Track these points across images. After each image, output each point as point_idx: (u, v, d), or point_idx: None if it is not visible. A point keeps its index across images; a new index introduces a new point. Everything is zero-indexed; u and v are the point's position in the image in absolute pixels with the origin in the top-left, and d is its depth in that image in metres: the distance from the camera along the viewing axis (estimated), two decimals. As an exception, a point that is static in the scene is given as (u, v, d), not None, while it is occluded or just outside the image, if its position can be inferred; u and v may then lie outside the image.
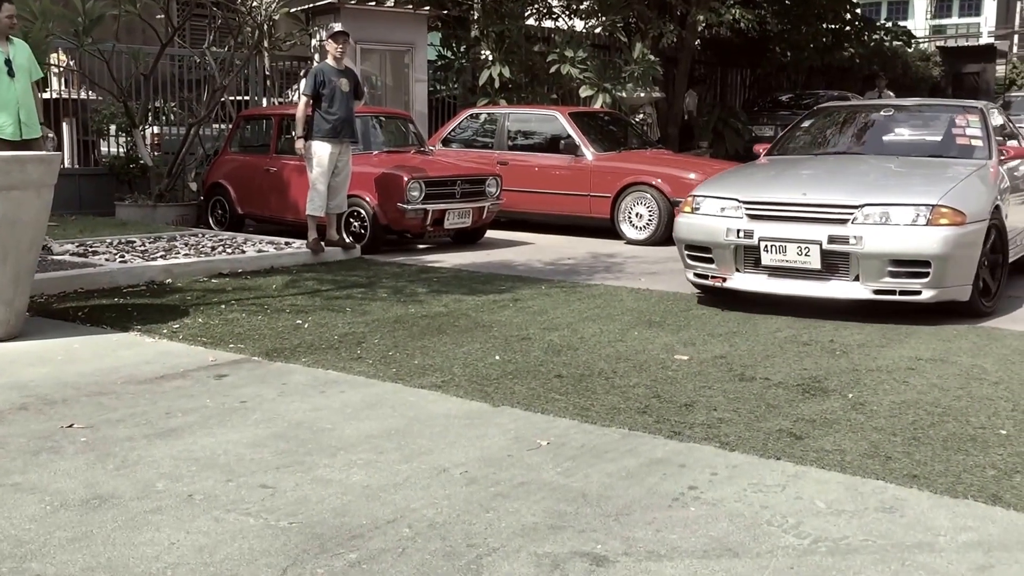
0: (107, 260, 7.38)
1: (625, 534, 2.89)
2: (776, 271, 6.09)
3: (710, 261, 6.35)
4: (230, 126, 11.15)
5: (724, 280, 6.29)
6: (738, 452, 3.63)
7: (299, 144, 8.33)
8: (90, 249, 7.92)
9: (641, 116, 15.37)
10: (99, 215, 10.58)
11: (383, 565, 2.66)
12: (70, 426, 3.82)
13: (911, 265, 5.81)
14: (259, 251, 8.17)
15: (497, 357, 4.97)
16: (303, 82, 8.92)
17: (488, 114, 11.78)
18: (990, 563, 2.75)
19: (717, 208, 6.37)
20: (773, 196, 6.26)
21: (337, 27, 8.39)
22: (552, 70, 13.62)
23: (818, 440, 3.77)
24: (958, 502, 3.19)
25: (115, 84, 10.45)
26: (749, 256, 6.19)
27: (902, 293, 5.86)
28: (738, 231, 6.16)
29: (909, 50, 26.20)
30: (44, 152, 5.63)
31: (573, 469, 3.42)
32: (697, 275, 6.48)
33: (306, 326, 5.70)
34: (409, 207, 8.79)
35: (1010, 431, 3.93)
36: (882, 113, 7.83)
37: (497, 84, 13.57)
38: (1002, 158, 6.90)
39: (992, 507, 3.15)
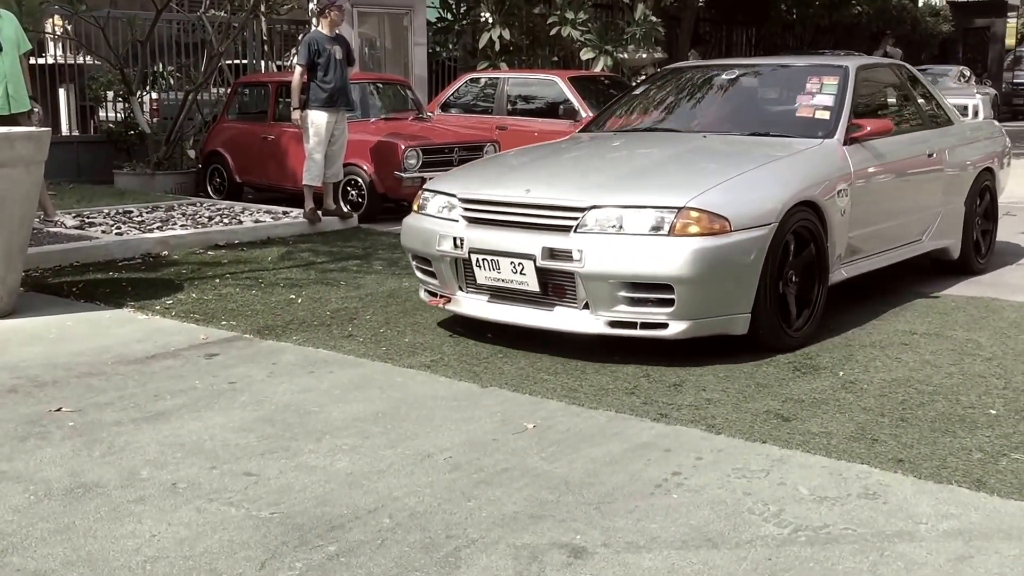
0: (103, 232, 7.37)
1: (606, 523, 2.90)
2: (497, 293, 4.72)
3: (435, 275, 4.99)
4: (228, 91, 11.09)
5: (449, 300, 4.91)
6: (724, 435, 3.62)
7: (296, 114, 8.27)
8: (87, 220, 7.90)
9: (643, 78, 15.25)
10: (97, 183, 10.55)
11: (361, 558, 2.67)
12: (58, 410, 3.83)
13: (650, 290, 4.36)
14: (256, 221, 8.15)
15: (488, 335, 4.96)
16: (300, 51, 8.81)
17: (488, 78, 11.68)
18: (969, 553, 2.75)
19: (438, 207, 5.00)
20: (493, 193, 4.84)
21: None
22: (553, 32, 13.48)
23: (805, 422, 3.76)
24: (942, 487, 3.18)
25: (111, 51, 10.36)
26: (469, 272, 4.77)
27: (644, 326, 4.40)
28: (454, 239, 4.72)
29: (919, 5, 25.87)
30: (33, 128, 5.59)
31: (558, 454, 3.42)
32: (428, 292, 5.11)
33: (299, 301, 5.69)
34: (406, 175, 8.75)
35: (1000, 411, 3.91)
36: (725, 76, 6.24)
37: (497, 47, 13.44)
38: (856, 135, 5.35)
39: (976, 493, 3.14)
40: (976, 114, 7.55)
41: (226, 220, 8.15)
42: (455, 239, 4.73)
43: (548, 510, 2.98)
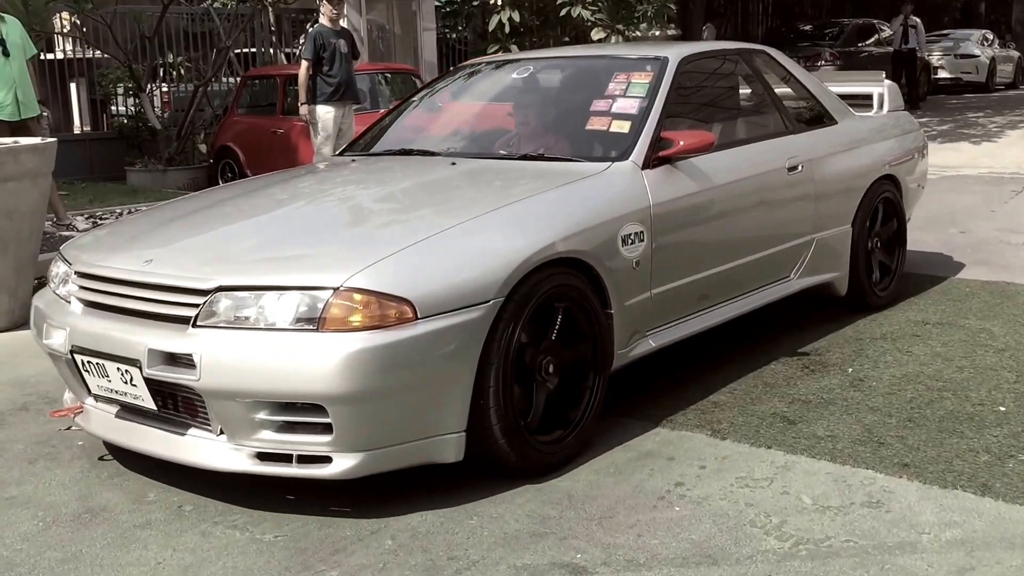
0: (116, 234, 7.41)
1: (607, 540, 2.90)
2: (123, 408, 3.36)
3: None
4: (237, 80, 11.11)
5: (80, 410, 3.53)
6: (729, 440, 3.61)
7: (303, 109, 8.28)
8: (99, 222, 7.95)
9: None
10: (110, 180, 10.62)
11: (362, 584, 2.70)
12: (68, 428, 3.87)
13: (300, 411, 2.99)
14: (267, 217, 8.16)
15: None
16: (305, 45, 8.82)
17: (497, 63, 11.62)
18: (971, 564, 2.74)
19: (59, 281, 3.64)
20: (108, 264, 3.42)
21: None
22: (563, 13, 13.36)
23: (811, 424, 3.74)
24: (947, 493, 3.16)
25: (119, 49, 10.40)
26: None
27: (302, 461, 3.03)
28: (66, 331, 3.35)
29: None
30: (39, 140, 5.62)
31: (560, 465, 3.42)
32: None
33: (309, 303, 5.70)
34: (417, 166, 8.72)
35: (1009, 408, 3.88)
36: (517, 75, 4.84)
37: (507, 29, 13.34)
38: (665, 153, 3.97)
39: (981, 498, 3.12)
40: (881, 105, 5.82)
41: (238, 217, 8.16)
42: (66, 330, 3.35)
43: (550, 527, 2.99)
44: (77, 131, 11.53)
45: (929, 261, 6.38)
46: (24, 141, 5.61)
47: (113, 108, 11.87)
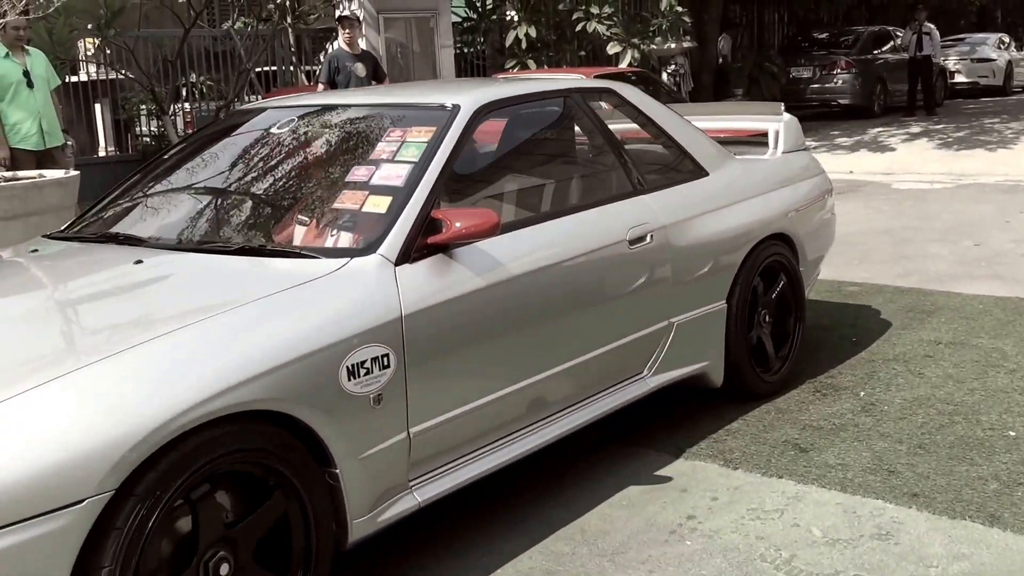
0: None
1: (619, 576, 2.97)
2: None
3: None
4: (258, 99, 11.25)
5: None
6: (741, 471, 3.67)
7: (321, 132, 8.40)
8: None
9: (673, 67, 15.19)
10: (134, 203, 10.78)
11: (381, 622, 2.78)
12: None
13: None
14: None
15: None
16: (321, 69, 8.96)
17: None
18: (978, 599, 2.79)
19: None
20: None
21: (340, 11, 8.39)
22: (579, 28, 13.47)
23: (823, 452, 3.79)
24: (955, 523, 3.21)
25: (142, 73, 10.58)
26: None
27: None
28: None
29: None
30: (62, 174, 5.76)
31: (575, 499, 3.49)
32: None
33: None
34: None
35: (1019, 432, 3.92)
36: (278, 130, 3.65)
37: (524, 45, 13.46)
38: (432, 240, 2.96)
39: (989, 528, 3.17)
40: (776, 144, 4.79)
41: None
42: None
43: (563, 563, 3.06)
44: (102, 153, 11.70)
45: (943, 276, 6.40)
46: (49, 174, 5.74)
47: (137, 129, 12.06)
